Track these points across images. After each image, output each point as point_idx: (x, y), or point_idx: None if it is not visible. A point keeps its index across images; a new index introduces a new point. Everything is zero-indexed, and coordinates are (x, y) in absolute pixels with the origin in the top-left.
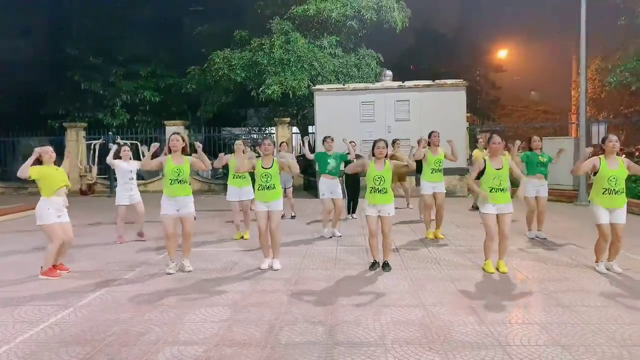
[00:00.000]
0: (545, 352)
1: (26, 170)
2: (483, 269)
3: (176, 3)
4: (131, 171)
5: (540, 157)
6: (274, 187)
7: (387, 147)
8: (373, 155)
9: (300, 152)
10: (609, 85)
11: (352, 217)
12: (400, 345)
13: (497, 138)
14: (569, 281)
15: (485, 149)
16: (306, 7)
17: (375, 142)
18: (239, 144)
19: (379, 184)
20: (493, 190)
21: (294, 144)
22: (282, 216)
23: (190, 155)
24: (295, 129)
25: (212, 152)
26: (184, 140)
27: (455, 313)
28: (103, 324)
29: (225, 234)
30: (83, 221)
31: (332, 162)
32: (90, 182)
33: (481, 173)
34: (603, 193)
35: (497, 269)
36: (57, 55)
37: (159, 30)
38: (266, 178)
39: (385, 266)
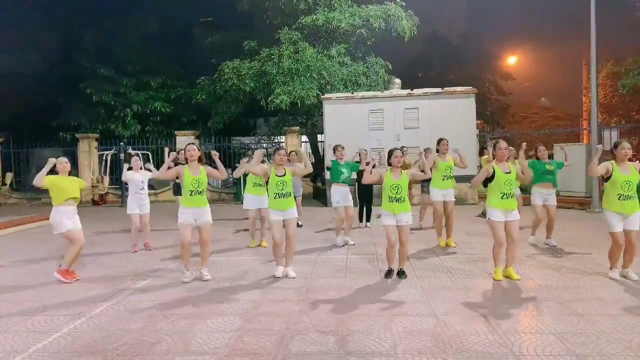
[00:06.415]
0: None
1: (41, 179)
2: (493, 278)
3: (186, 14)
4: (142, 181)
5: (547, 165)
6: (290, 195)
7: (403, 156)
8: (389, 164)
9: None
10: (622, 88)
11: (367, 226)
12: (412, 355)
13: (503, 143)
14: (583, 289)
15: (494, 157)
16: (315, 17)
17: (391, 151)
18: (259, 154)
19: (397, 193)
20: (504, 196)
21: (302, 152)
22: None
23: (206, 164)
24: (304, 138)
25: (222, 161)
26: (199, 150)
27: (467, 322)
28: (115, 333)
29: (235, 242)
30: (95, 231)
31: (345, 172)
32: (102, 192)
33: (489, 180)
34: (619, 199)
35: (507, 276)
36: (70, 68)
37: (169, 42)
38: (282, 186)
39: (401, 274)
